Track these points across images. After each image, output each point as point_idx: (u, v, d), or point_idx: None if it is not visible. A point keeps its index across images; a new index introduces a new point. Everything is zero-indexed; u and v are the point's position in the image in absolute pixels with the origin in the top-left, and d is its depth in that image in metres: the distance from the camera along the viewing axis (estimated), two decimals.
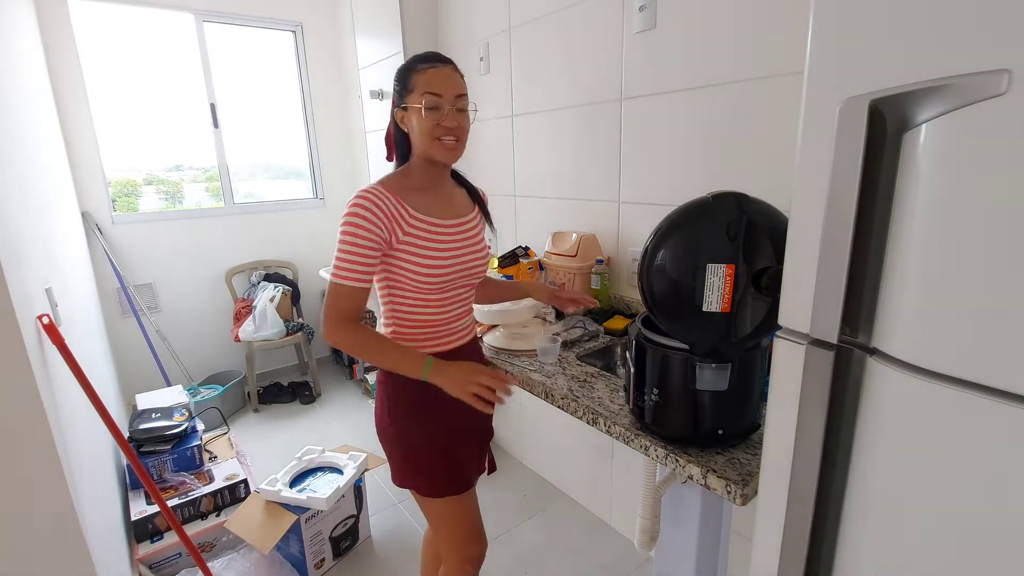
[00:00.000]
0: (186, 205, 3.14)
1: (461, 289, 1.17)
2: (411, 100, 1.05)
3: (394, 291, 1.11)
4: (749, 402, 0.95)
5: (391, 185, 1.07)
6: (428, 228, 1.08)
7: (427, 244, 1.07)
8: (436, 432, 1.15)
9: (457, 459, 1.18)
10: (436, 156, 1.07)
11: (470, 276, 1.16)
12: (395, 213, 1.04)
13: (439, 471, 1.17)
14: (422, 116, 1.03)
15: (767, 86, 1.26)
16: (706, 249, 0.85)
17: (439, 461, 1.16)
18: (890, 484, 0.59)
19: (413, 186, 1.10)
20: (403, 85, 1.07)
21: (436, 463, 1.16)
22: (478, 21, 2.15)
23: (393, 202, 1.04)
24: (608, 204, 1.76)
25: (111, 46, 2.75)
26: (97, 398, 1.31)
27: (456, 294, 1.16)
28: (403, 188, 1.08)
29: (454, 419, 1.15)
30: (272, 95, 3.27)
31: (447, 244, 1.10)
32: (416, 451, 1.16)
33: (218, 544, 1.85)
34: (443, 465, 1.17)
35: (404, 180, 1.11)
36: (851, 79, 0.56)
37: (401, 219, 1.05)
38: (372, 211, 1.01)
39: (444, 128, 1.05)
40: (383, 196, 1.03)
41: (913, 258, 0.54)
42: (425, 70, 1.05)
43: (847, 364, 0.62)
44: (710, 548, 1.17)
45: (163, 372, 2.94)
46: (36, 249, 1.33)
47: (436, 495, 1.17)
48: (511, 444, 2.50)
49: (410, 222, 1.06)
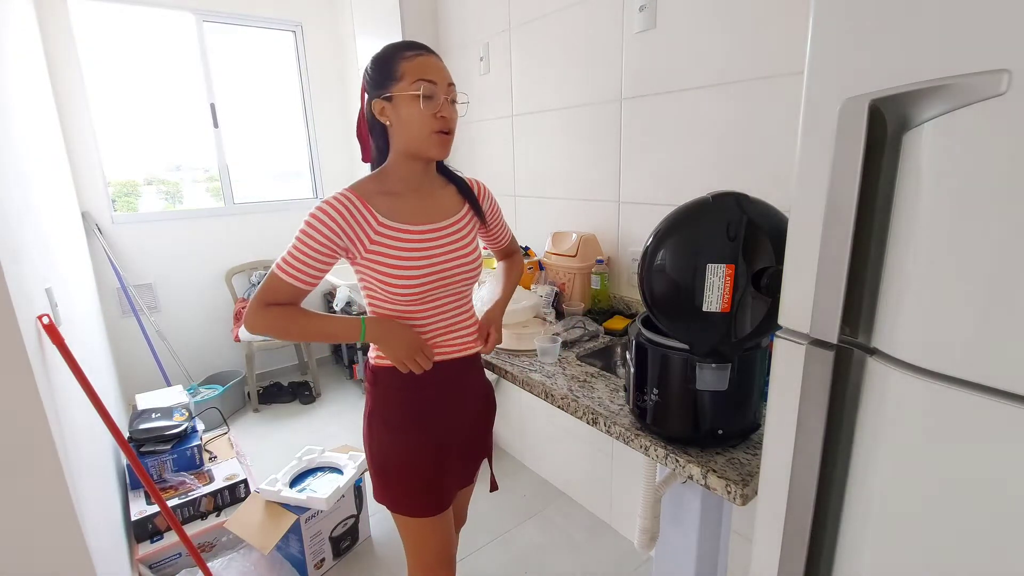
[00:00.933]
0: (186, 205, 3.14)
1: (449, 298, 1.07)
2: (399, 89, 0.95)
3: (374, 301, 1.05)
4: (749, 402, 0.95)
5: (363, 189, 1.00)
6: (397, 235, 0.99)
7: (396, 253, 0.98)
8: (414, 446, 1.08)
9: (433, 478, 1.10)
10: (430, 151, 0.99)
11: (456, 283, 1.06)
12: (361, 221, 0.97)
13: (411, 489, 1.09)
14: (418, 106, 0.94)
15: (767, 86, 1.26)
16: (706, 249, 0.85)
17: (412, 479, 1.08)
18: (890, 484, 0.59)
19: (389, 189, 1.02)
20: (386, 73, 0.97)
21: (409, 480, 1.08)
22: (478, 21, 2.15)
23: (361, 208, 0.97)
24: (608, 204, 1.76)
25: (111, 46, 2.75)
26: (97, 398, 1.31)
27: (444, 303, 1.06)
28: (376, 192, 1.01)
29: (438, 434, 1.09)
30: (272, 95, 3.27)
31: (421, 251, 1.00)
32: (389, 464, 1.08)
33: (218, 544, 1.85)
34: (416, 483, 1.09)
35: (379, 183, 1.03)
36: (851, 79, 0.56)
37: (368, 226, 0.97)
38: (333, 218, 0.95)
39: (441, 120, 0.97)
40: (350, 202, 0.97)
41: (913, 258, 0.54)
42: (414, 57, 0.96)
43: (847, 364, 0.62)
44: (710, 548, 1.17)
45: (163, 372, 2.94)
46: (36, 249, 1.33)
47: (405, 513, 1.10)
48: (511, 444, 2.50)
49: (377, 230, 0.98)
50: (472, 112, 2.29)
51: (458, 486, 1.19)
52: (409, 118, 0.96)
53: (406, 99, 0.95)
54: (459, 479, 1.19)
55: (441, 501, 1.11)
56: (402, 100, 0.96)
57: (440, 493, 1.11)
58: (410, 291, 1.00)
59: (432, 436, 1.09)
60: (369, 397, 1.11)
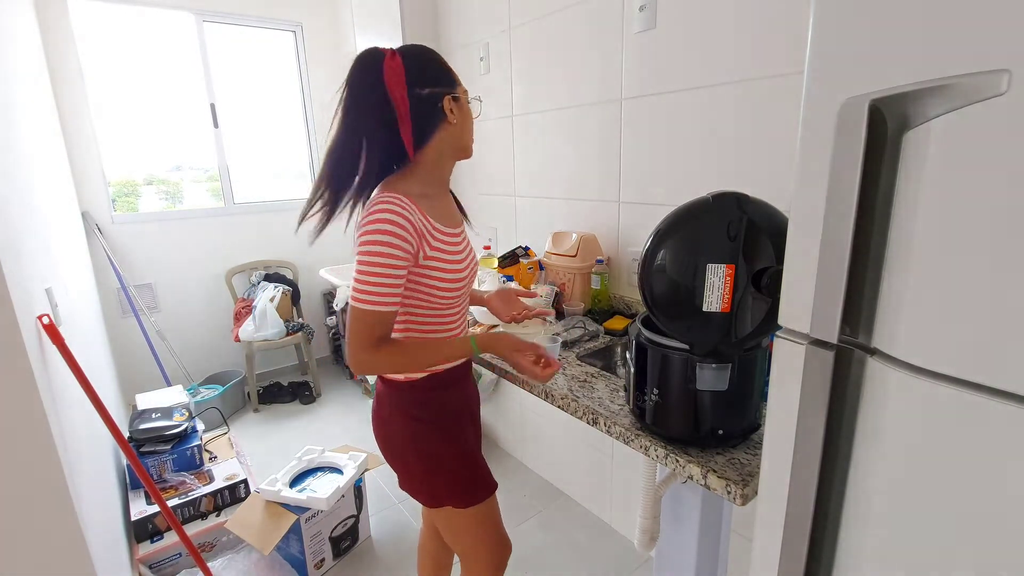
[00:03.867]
0: (186, 205, 3.14)
1: (466, 300, 1.12)
2: (461, 92, 1.00)
3: (412, 309, 1.00)
4: (749, 402, 0.95)
5: (409, 192, 0.93)
6: (450, 240, 0.98)
7: (450, 258, 0.97)
8: (464, 438, 1.11)
9: (482, 462, 1.16)
10: (471, 153, 1.05)
11: (471, 286, 1.11)
12: (421, 227, 0.91)
13: (474, 477, 1.12)
14: (471, 110, 1.03)
15: (767, 86, 1.26)
16: (706, 249, 0.85)
17: (473, 467, 1.12)
18: (890, 484, 0.59)
19: (425, 191, 0.98)
20: (448, 74, 0.98)
21: (471, 469, 1.12)
22: (478, 21, 2.15)
23: (418, 213, 0.92)
24: (608, 204, 1.76)
25: (111, 46, 2.75)
26: (97, 398, 1.31)
27: (464, 307, 1.11)
28: (419, 195, 0.95)
29: (476, 424, 1.21)
30: (272, 95, 3.27)
31: (465, 254, 1.03)
32: (444, 463, 1.08)
33: (218, 544, 1.85)
34: (476, 471, 1.13)
35: (417, 184, 0.98)
36: (851, 79, 0.56)
37: (428, 233, 0.93)
38: (404, 227, 0.88)
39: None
40: (409, 209, 0.89)
41: (913, 258, 0.54)
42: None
43: (847, 364, 0.62)
44: (710, 548, 1.17)
45: (163, 372, 2.94)
46: (36, 249, 1.33)
47: (471, 503, 1.10)
48: (511, 444, 2.50)
49: (435, 236, 0.95)
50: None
51: None
52: (467, 120, 1.02)
53: (464, 102, 1.01)
54: None
55: (491, 478, 1.17)
56: (463, 102, 1.01)
57: (488, 472, 1.17)
58: (457, 294, 1.02)
59: (474, 426, 1.20)
60: (391, 403, 1.08)
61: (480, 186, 2.32)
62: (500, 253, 1.94)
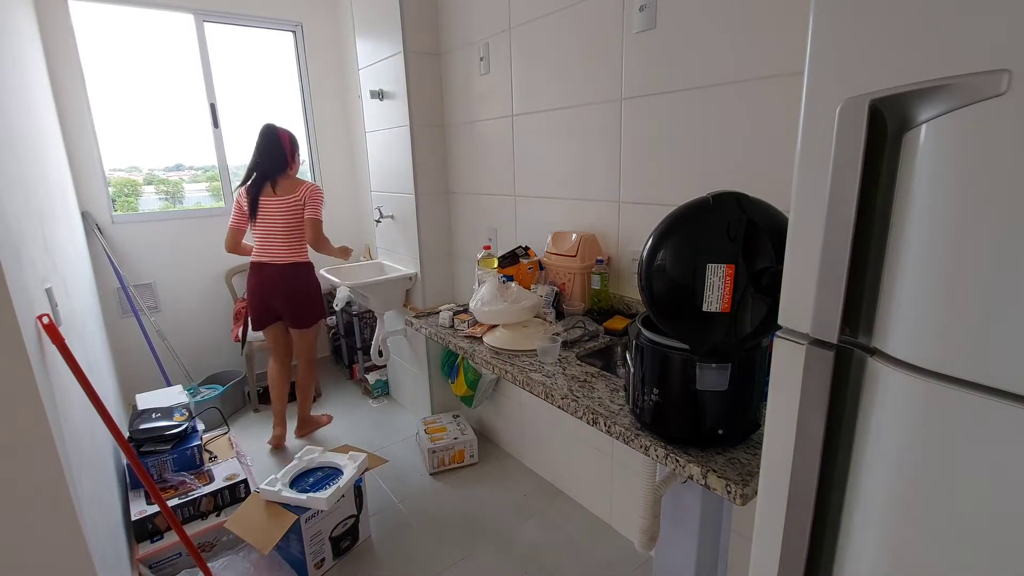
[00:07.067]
0: (186, 205, 3.14)
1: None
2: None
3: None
4: (749, 402, 0.95)
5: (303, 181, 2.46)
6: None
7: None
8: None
9: None
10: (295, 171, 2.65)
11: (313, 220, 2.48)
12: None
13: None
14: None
15: (767, 86, 1.26)
16: (706, 249, 0.85)
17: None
18: (890, 484, 0.59)
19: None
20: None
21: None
22: (478, 21, 2.15)
23: None
24: (608, 204, 1.76)
25: (111, 46, 2.75)
26: (97, 398, 1.31)
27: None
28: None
29: None
30: (272, 95, 3.27)
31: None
32: (318, 302, 2.53)
33: (218, 544, 1.85)
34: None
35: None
36: (851, 79, 0.56)
37: None
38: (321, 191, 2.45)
39: None
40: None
41: (913, 258, 0.54)
42: None
43: (847, 364, 0.62)
44: (710, 548, 1.17)
45: (163, 372, 2.94)
46: (36, 249, 1.33)
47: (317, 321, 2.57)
48: (511, 444, 2.50)
49: None
50: (472, 112, 2.29)
51: None
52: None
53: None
54: None
55: None
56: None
57: None
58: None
59: None
60: (312, 275, 2.50)
61: (480, 186, 2.32)
62: (500, 253, 1.94)
